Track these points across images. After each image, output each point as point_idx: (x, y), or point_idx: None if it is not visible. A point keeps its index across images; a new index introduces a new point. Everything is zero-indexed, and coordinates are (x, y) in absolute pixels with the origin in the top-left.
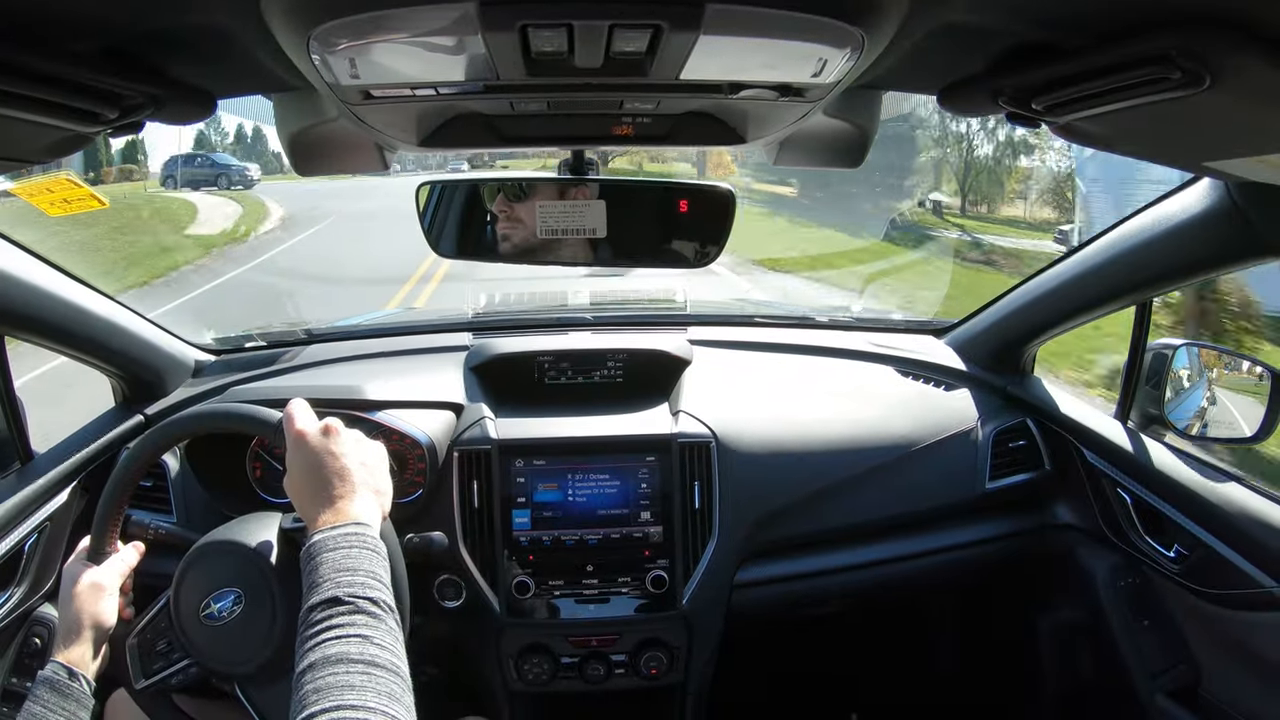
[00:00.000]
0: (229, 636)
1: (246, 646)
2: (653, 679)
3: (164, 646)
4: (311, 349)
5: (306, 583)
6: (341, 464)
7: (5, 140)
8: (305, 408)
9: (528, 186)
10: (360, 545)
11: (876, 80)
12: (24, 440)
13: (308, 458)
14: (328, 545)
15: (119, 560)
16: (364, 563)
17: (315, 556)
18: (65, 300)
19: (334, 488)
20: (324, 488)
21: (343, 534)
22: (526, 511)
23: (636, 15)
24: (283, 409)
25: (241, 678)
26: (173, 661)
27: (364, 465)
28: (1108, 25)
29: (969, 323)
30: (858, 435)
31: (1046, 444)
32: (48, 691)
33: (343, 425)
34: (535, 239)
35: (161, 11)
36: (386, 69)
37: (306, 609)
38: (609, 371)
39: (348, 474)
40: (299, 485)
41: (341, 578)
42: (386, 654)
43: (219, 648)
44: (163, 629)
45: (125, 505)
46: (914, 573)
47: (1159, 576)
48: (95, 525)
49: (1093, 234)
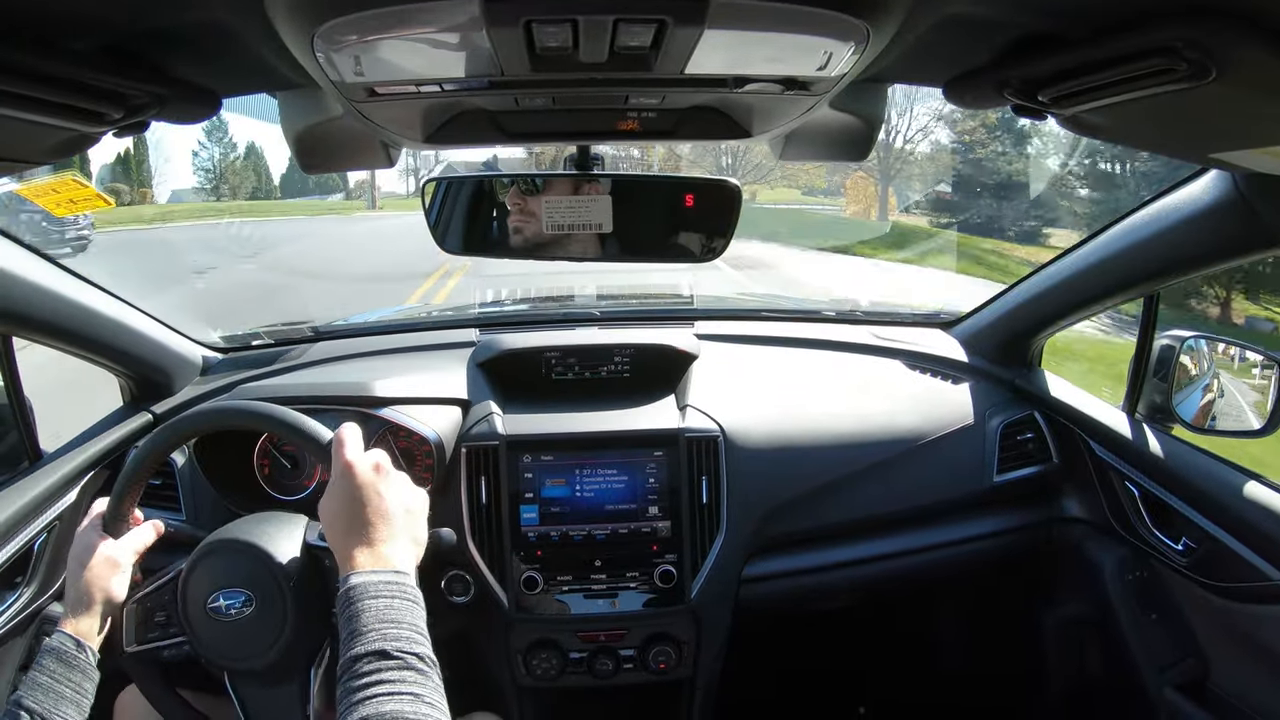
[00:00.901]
0: (232, 633)
1: (247, 647)
2: (661, 674)
3: (162, 619)
4: (318, 346)
5: (347, 628)
6: (386, 506)
7: (11, 141)
8: (357, 435)
9: (535, 182)
10: (402, 596)
11: (882, 73)
12: (33, 439)
13: (352, 491)
14: (369, 592)
15: (136, 537)
16: (407, 615)
17: (356, 601)
18: (73, 300)
19: (375, 529)
20: (364, 526)
21: (384, 582)
22: (534, 507)
23: (641, 10)
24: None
25: (236, 673)
26: (169, 635)
27: (408, 512)
28: (1113, 16)
29: (976, 316)
30: (865, 429)
31: (1054, 437)
32: (54, 662)
33: (391, 464)
34: (542, 234)
35: (162, 9)
36: (391, 66)
37: (351, 658)
38: (616, 366)
39: (391, 518)
40: (337, 515)
41: (387, 629)
42: (437, 713)
43: (219, 642)
44: (165, 602)
45: (147, 478)
46: (922, 566)
47: (1167, 570)
48: (114, 493)
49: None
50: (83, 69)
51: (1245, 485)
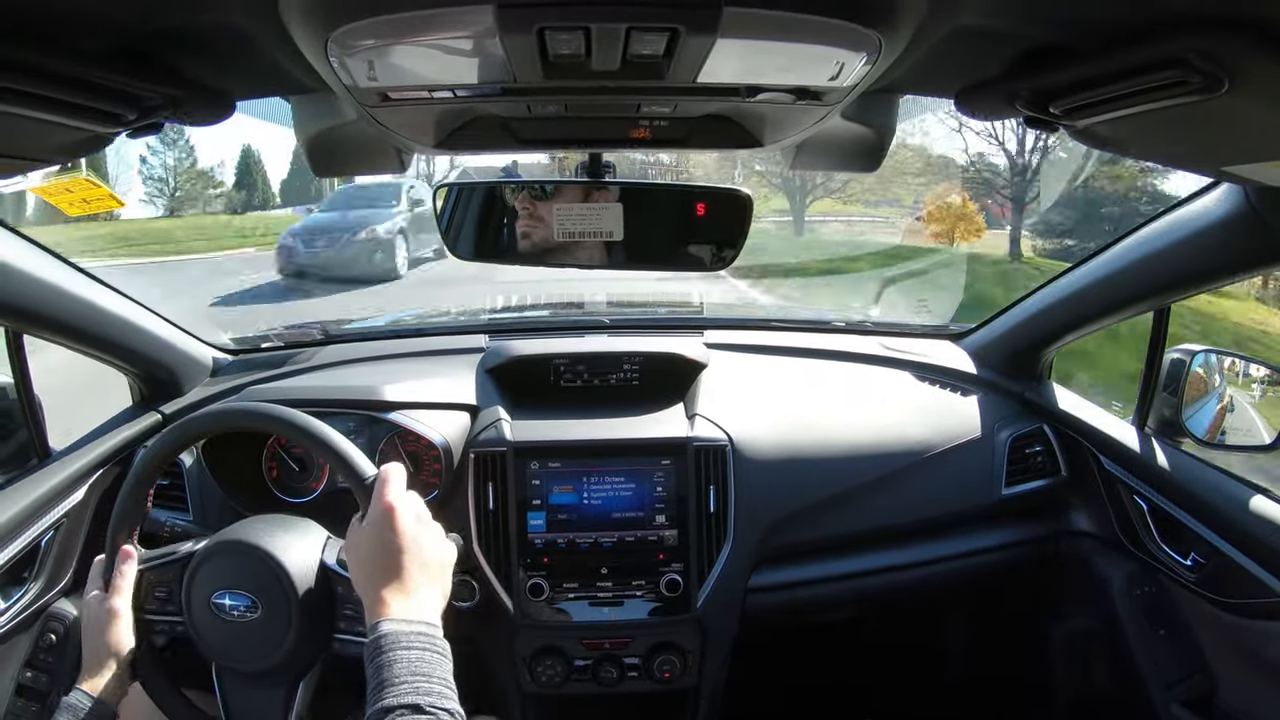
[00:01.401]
0: (231, 633)
1: (244, 649)
2: (666, 683)
3: (163, 594)
4: (328, 350)
5: (377, 676)
6: (425, 557)
7: (25, 139)
8: (402, 477)
9: (546, 189)
10: (433, 649)
11: (894, 83)
12: (42, 437)
13: (391, 536)
14: (401, 642)
15: (124, 580)
16: (438, 669)
17: (388, 651)
18: (84, 299)
19: (411, 577)
20: (400, 572)
21: (416, 633)
22: (541, 514)
23: (653, 18)
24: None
25: (225, 670)
26: (165, 612)
27: (442, 565)
28: (1124, 28)
29: (986, 328)
30: (874, 440)
31: (1063, 450)
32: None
33: (429, 514)
34: (553, 241)
35: (177, 11)
36: (404, 71)
37: (382, 709)
38: (625, 374)
39: (427, 568)
40: (371, 556)
41: (420, 683)
42: None
43: (215, 637)
44: (169, 580)
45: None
46: (929, 579)
47: (1175, 585)
48: (108, 544)
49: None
50: (97, 69)
51: (1254, 500)
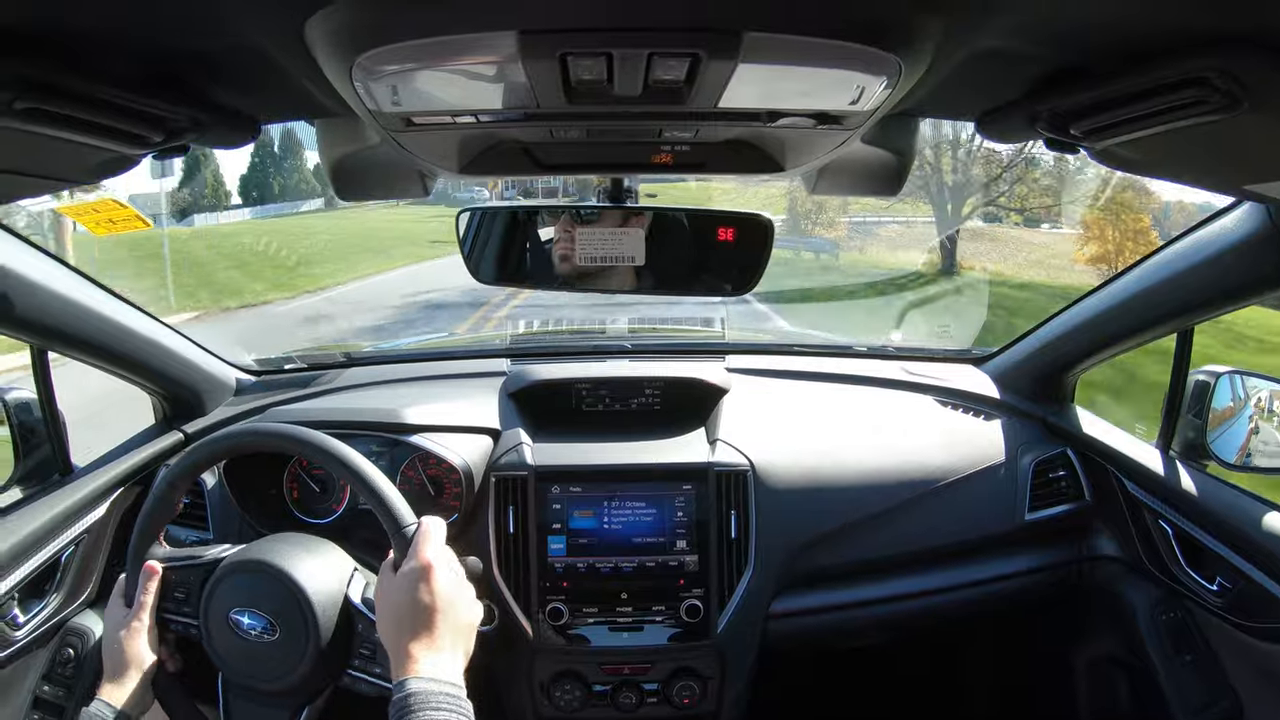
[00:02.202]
0: (245, 651)
1: (256, 668)
2: (685, 709)
3: (181, 595)
4: (350, 372)
5: None
6: (457, 619)
7: (57, 161)
8: (442, 532)
9: (568, 213)
10: (459, 711)
11: (914, 107)
12: (64, 453)
13: (425, 593)
14: (430, 702)
15: (147, 595)
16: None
17: (416, 711)
18: (111, 319)
19: (441, 636)
20: (431, 631)
21: (444, 694)
22: (562, 538)
23: (675, 44)
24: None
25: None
26: (182, 613)
27: (471, 627)
28: (1143, 48)
29: (1008, 352)
30: (896, 465)
31: (1087, 474)
32: None
33: (464, 572)
34: (575, 266)
35: (204, 37)
36: (428, 96)
37: None
38: (646, 399)
39: (458, 631)
40: (403, 610)
41: None
42: None
43: (228, 652)
44: (189, 582)
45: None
46: (951, 605)
47: (1201, 610)
48: (131, 556)
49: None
50: (125, 92)
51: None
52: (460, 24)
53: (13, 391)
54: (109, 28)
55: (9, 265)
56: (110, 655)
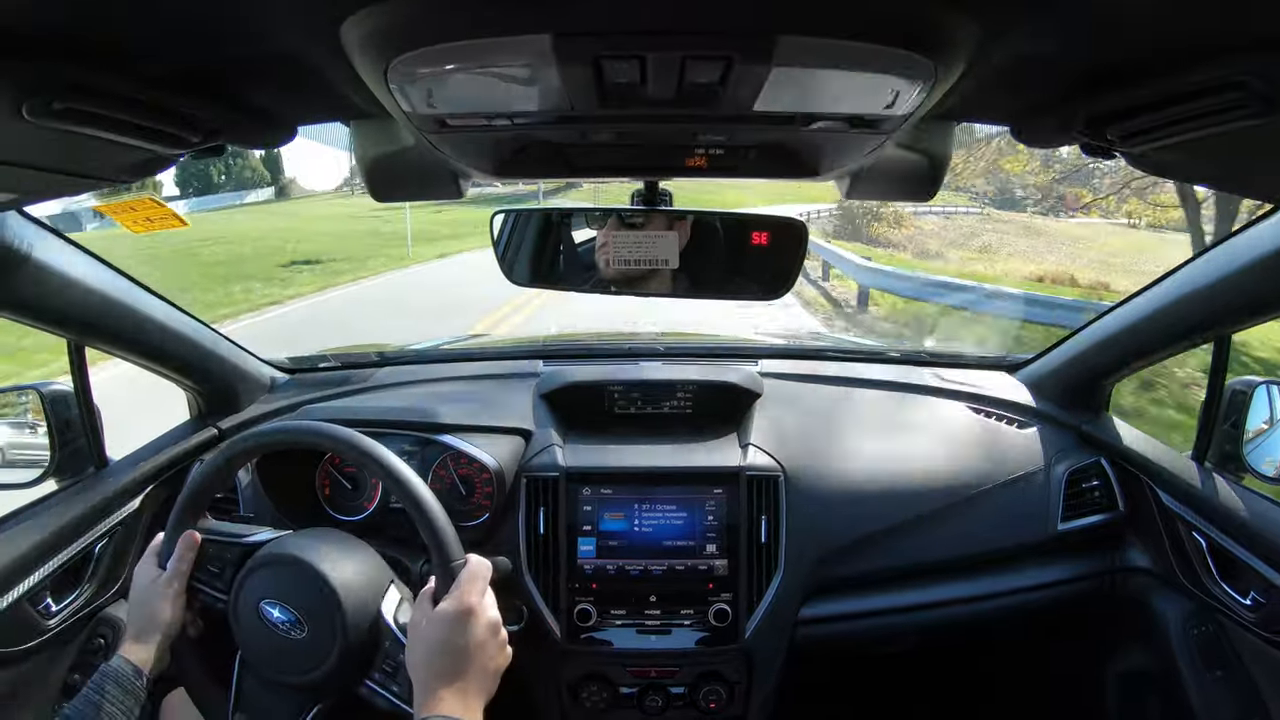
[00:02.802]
0: (268, 642)
1: (275, 659)
2: (712, 713)
3: (215, 569)
4: (383, 371)
5: None
6: (488, 664)
7: (96, 160)
8: (488, 575)
9: (602, 216)
10: None
11: (949, 111)
12: (100, 446)
13: (463, 636)
14: None
15: (179, 560)
16: None
17: None
18: (148, 316)
19: (471, 680)
20: (462, 674)
21: None
22: (592, 540)
23: (708, 47)
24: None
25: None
26: (213, 586)
27: (498, 671)
28: (1181, 52)
29: (1043, 359)
30: (927, 472)
31: (1121, 485)
32: (112, 685)
33: (500, 619)
34: (608, 268)
35: (240, 40)
36: (463, 99)
37: None
38: (678, 402)
39: (486, 674)
40: (437, 648)
41: None
42: None
43: (252, 638)
44: (225, 559)
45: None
46: (980, 615)
47: (1233, 624)
48: (172, 521)
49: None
50: (163, 94)
51: None
52: (494, 27)
53: (50, 385)
54: (147, 30)
55: (48, 261)
56: (136, 613)
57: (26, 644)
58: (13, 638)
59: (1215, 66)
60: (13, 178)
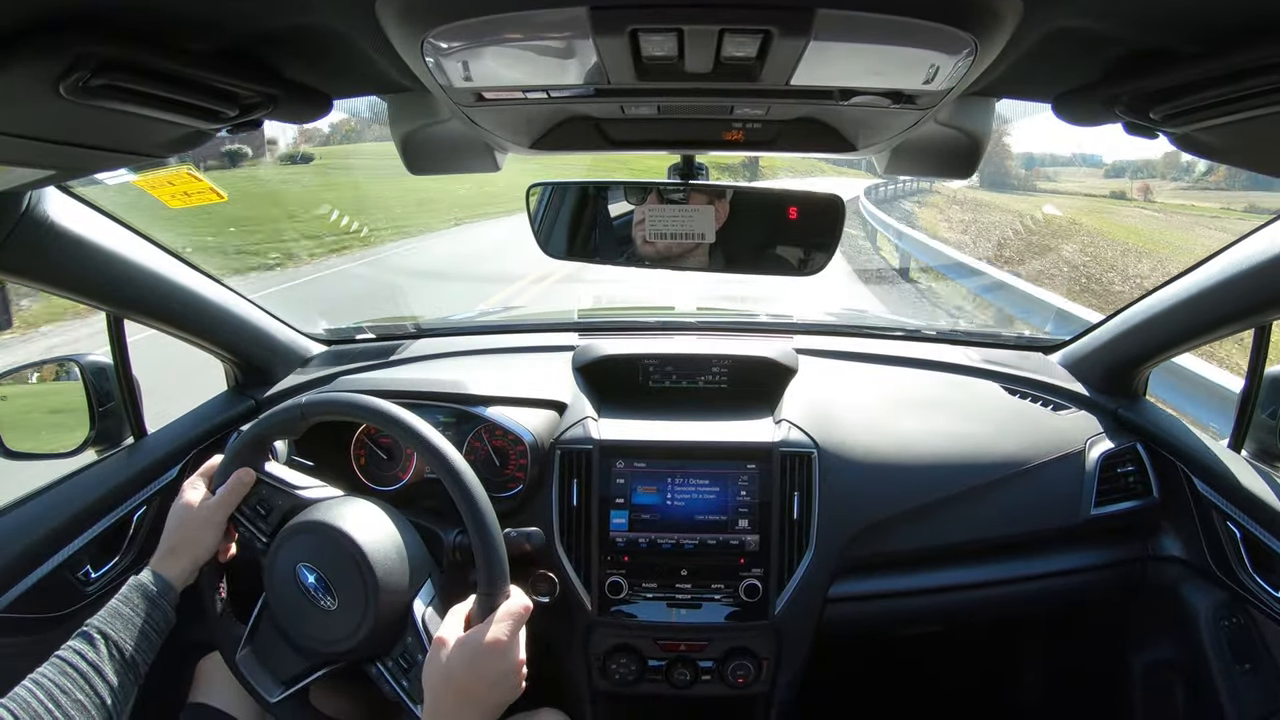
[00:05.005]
0: (296, 602)
1: (298, 620)
2: (739, 688)
3: (263, 510)
4: (420, 343)
5: None
6: (502, 696)
7: (133, 136)
8: (526, 614)
9: (638, 190)
10: None
11: (989, 87)
12: (139, 418)
13: (486, 667)
14: None
15: (229, 492)
16: None
17: None
18: (187, 288)
19: (485, 708)
20: (475, 704)
21: None
22: (624, 513)
23: (746, 20)
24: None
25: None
26: (255, 526)
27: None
28: (1228, 30)
29: (1080, 341)
30: (961, 452)
31: (1156, 471)
32: (139, 596)
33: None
34: (644, 242)
35: (277, 14)
36: (499, 72)
37: None
38: (713, 377)
39: (501, 705)
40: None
41: None
42: None
43: (282, 594)
44: (275, 506)
45: (267, 447)
46: (1010, 597)
47: (1265, 617)
48: (230, 451)
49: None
50: (202, 69)
51: None
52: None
53: (89, 357)
54: (183, 5)
55: (88, 236)
56: (173, 530)
57: (66, 609)
58: (53, 603)
59: (1263, 47)
60: (52, 155)
